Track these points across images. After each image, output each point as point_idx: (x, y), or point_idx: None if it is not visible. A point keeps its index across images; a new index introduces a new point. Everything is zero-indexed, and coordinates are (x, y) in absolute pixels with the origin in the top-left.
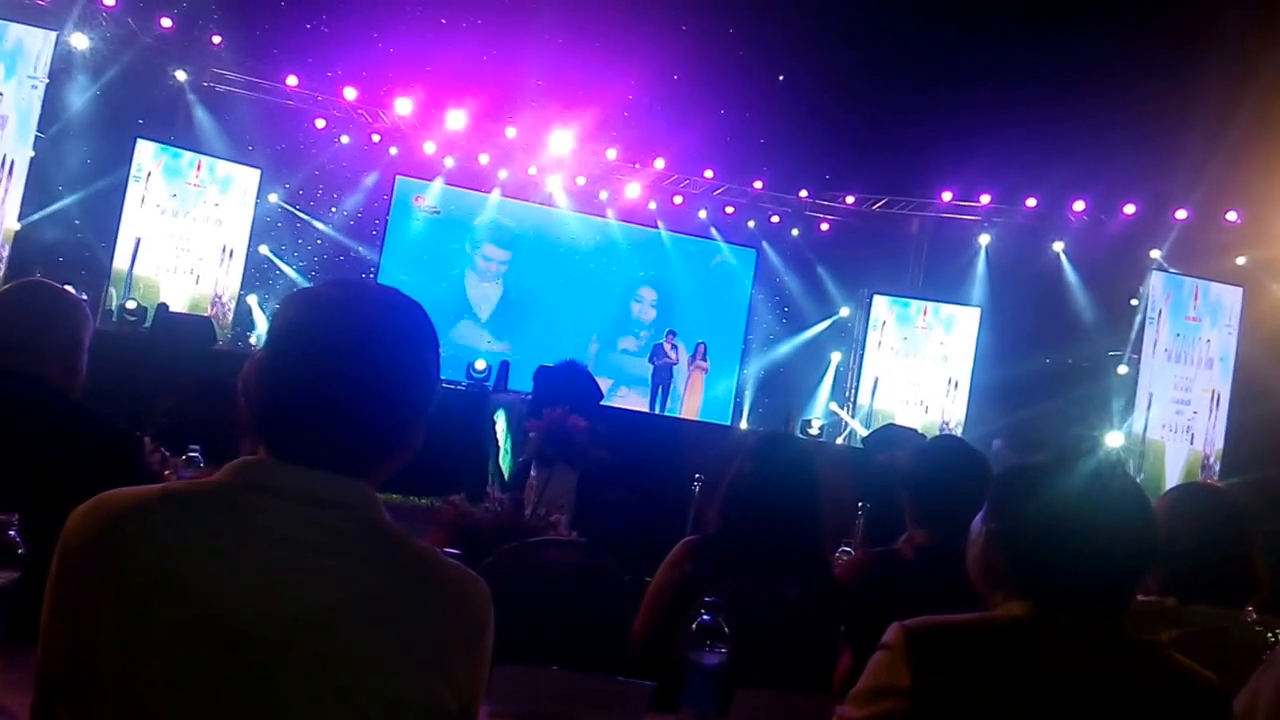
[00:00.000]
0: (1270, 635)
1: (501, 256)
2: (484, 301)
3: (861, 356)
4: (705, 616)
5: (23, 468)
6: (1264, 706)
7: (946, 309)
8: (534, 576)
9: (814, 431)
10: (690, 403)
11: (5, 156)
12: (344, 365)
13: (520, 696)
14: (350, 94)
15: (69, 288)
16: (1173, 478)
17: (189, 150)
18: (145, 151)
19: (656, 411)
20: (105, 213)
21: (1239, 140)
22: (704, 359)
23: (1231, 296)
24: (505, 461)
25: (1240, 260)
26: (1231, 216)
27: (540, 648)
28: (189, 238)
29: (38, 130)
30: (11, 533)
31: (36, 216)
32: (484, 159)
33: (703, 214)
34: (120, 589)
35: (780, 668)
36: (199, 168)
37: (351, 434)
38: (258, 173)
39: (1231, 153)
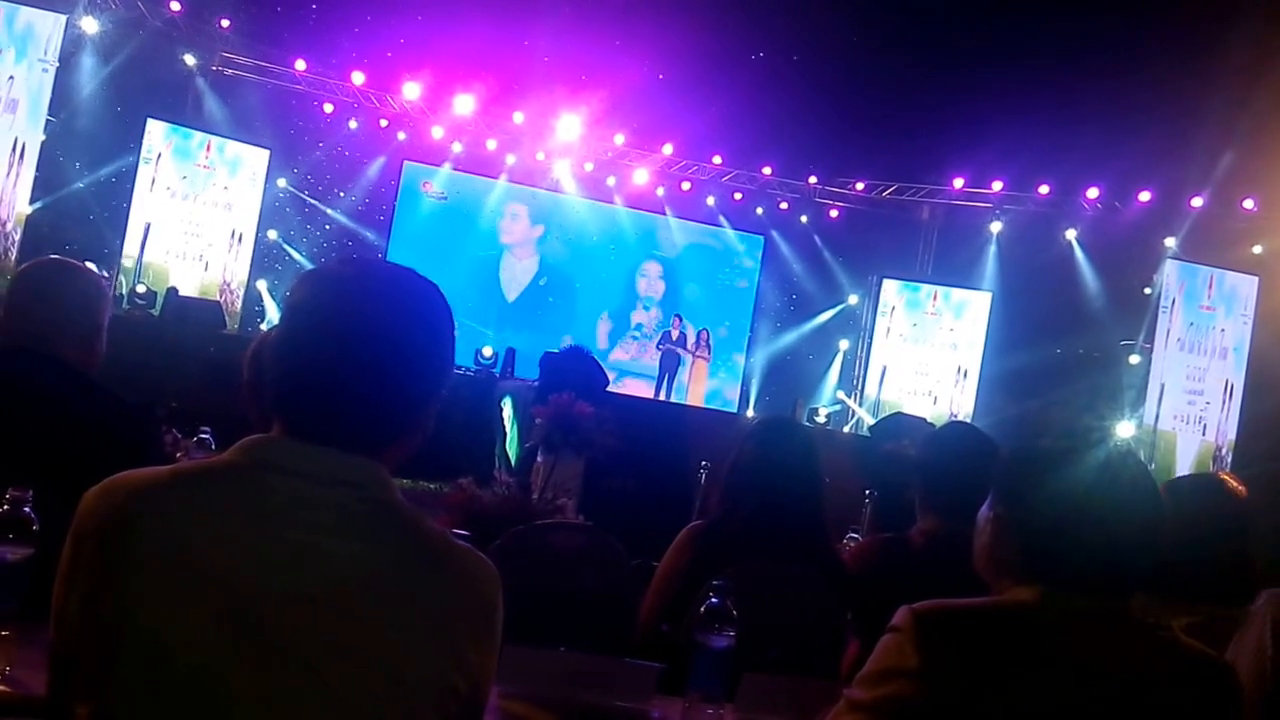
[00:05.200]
0: None
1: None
2: (513, 283)
3: (870, 344)
4: (713, 599)
5: (40, 446)
6: (1242, 668)
7: (957, 294)
8: (542, 560)
9: (821, 420)
10: (694, 390)
11: (16, 140)
12: (359, 344)
13: (528, 678)
14: (358, 78)
15: (90, 265)
16: (1184, 469)
17: (199, 130)
18: (156, 132)
19: (662, 398)
20: (116, 196)
21: (1256, 127)
22: (707, 348)
23: (1247, 286)
24: (512, 447)
25: (1257, 249)
26: (1248, 204)
27: (548, 630)
28: (198, 222)
29: (48, 114)
30: (26, 509)
31: (48, 200)
32: (492, 144)
33: (711, 201)
34: (133, 569)
35: (787, 652)
36: (208, 148)
37: (365, 412)
38: (267, 154)
39: (1249, 140)
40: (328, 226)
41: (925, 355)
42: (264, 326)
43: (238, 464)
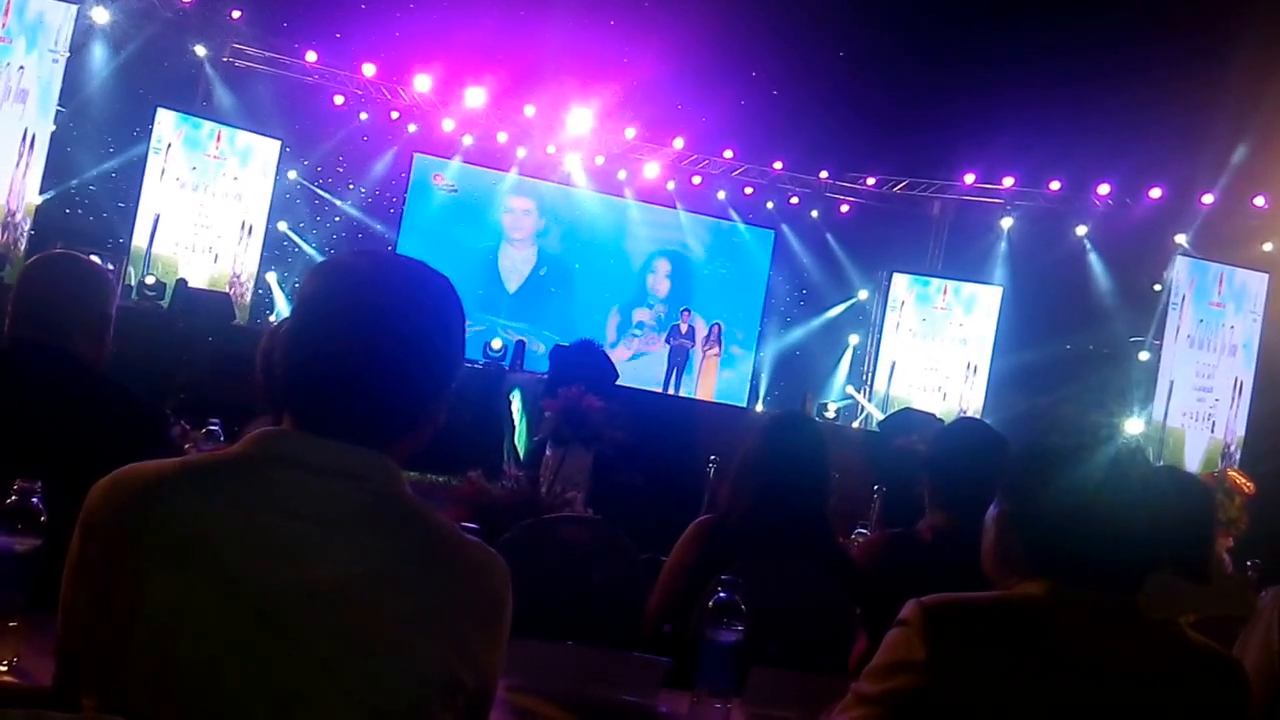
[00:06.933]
0: None
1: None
2: (514, 273)
3: (879, 340)
4: (722, 594)
5: (49, 439)
6: (1248, 665)
7: (968, 288)
8: (551, 553)
9: (830, 415)
10: (704, 385)
11: (26, 130)
12: (370, 336)
13: (535, 671)
14: (369, 70)
15: (94, 258)
16: (1192, 466)
17: (209, 120)
18: (166, 122)
19: (670, 392)
20: (125, 187)
21: (1268, 124)
22: (718, 343)
23: (1257, 283)
24: (521, 441)
25: (1267, 246)
26: (1259, 202)
27: (556, 623)
28: (208, 213)
29: (59, 104)
30: (34, 500)
31: (57, 191)
32: (502, 137)
33: (721, 195)
34: (141, 561)
35: (795, 647)
36: (219, 139)
37: (375, 405)
38: (278, 144)
39: (1260, 137)
40: (338, 218)
41: (935, 350)
42: (273, 319)
43: (247, 456)
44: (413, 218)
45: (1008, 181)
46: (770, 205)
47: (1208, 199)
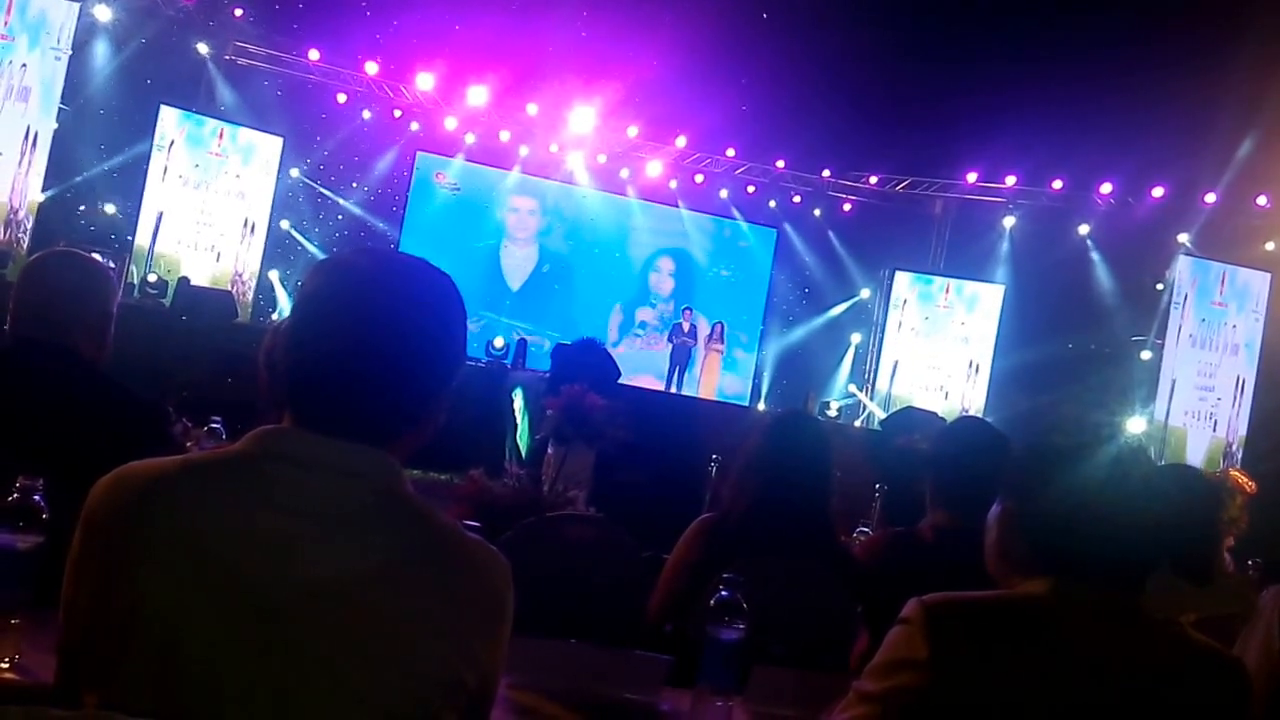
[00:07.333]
0: None
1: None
2: (517, 271)
3: (881, 339)
4: (724, 592)
5: (51, 436)
6: (1249, 664)
7: (970, 286)
8: (553, 551)
9: (832, 414)
10: (706, 383)
11: (29, 128)
12: (371, 334)
13: (537, 669)
14: (372, 69)
15: (96, 256)
16: (1194, 465)
17: (212, 118)
18: (169, 119)
19: (672, 391)
20: (128, 185)
21: (1270, 123)
22: (720, 340)
23: (1260, 282)
24: (523, 439)
25: (1269, 245)
26: (1262, 201)
27: (558, 621)
28: (210, 211)
29: (61, 102)
30: (36, 497)
31: (60, 188)
32: (505, 136)
33: (724, 193)
34: (142, 560)
35: (797, 645)
36: (221, 136)
37: (377, 403)
38: (280, 141)
39: (1263, 136)
40: (340, 217)
41: (937, 349)
42: (275, 317)
43: (248, 454)
44: (415, 216)
45: (1010, 180)
46: (772, 204)
47: (1210, 198)
